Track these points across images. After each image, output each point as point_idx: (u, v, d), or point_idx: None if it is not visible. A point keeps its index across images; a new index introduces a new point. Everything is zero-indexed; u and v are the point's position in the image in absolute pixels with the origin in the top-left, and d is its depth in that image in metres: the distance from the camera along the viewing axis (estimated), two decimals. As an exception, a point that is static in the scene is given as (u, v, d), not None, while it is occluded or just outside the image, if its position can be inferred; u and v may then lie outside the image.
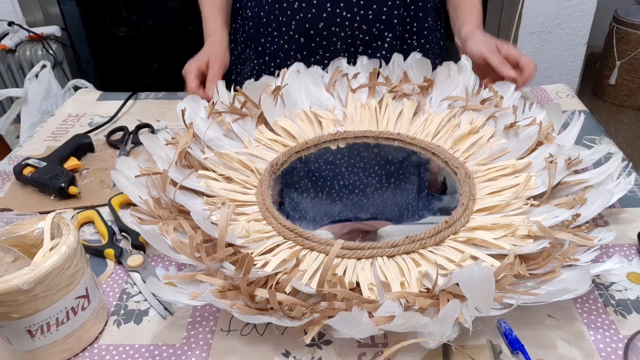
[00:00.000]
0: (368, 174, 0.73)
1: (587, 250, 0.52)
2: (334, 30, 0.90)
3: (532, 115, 0.72)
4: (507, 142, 0.70)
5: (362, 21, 0.89)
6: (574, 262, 0.51)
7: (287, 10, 0.90)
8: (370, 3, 0.88)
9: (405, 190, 0.71)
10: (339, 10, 0.88)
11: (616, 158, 0.62)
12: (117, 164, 0.63)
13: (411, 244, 0.55)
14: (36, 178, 0.72)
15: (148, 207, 0.58)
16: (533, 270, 0.50)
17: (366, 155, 0.76)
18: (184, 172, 0.64)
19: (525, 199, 0.59)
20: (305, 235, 0.56)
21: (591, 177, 0.61)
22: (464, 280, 0.44)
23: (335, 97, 0.82)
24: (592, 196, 0.58)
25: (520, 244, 0.53)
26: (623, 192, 0.58)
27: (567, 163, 0.62)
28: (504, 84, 0.79)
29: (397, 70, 0.84)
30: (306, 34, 0.91)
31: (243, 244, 0.55)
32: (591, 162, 0.64)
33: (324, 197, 0.68)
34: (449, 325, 0.44)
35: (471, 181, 0.65)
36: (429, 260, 0.53)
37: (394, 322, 0.44)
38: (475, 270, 0.43)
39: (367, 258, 0.54)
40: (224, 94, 0.79)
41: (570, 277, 0.48)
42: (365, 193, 0.69)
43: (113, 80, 2.50)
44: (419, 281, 0.50)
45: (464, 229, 0.57)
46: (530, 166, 0.65)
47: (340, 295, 0.47)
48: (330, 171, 0.73)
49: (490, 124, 0.73)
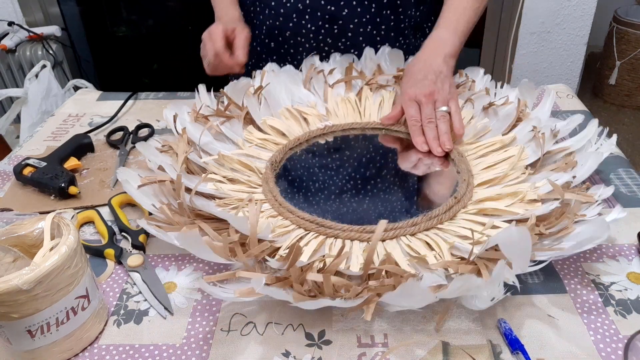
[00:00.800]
0: (366, 162, 0.75)
1: (590, 207, 0.57)
2: (300, 40, 0.90)
3: (505, 95, 0.77)
4: (488, 120, 0.74)
5: (327, 35, 0.89)
6: (581, 218, 0.55)
7: (260, 15, 0.92)
8: (335, 18, 0.88)
9: (407, 175, 0.72)
10: (304, 22, 0.88)
11: (592, 124, 0.68)
12: (118, 175, 0.63)
13: (429, 220, 0.58)
14: (36, 178, 0.72)
15: (164, 214, 0.58)
16: (549, 229, 0.54)
17: (359, 145, 0.77)
18: (188, 177, 0.65)
19: (522, 169, 0.64)
20: (326, 224, 0.58)
21: (572, 144, 0.67)
22: (504, 242, 0.48)
23: (314, 94, 0.84)
24: (581, 159, 0.63)
25: (531, 208, 0.57)
26: (608, 151, 0.63)
27: (552, 132, 0.67)
28: (474, 69, 0.84)
29: (369, 64, 0.86)
30: (275, 40, 0.92)
31: (272, 238, 0.56)
32: (567, 131, 0.70)
33: (330, 188, 0.68)
34: (499, 284, 0.47)
35: (465, 159, 0.69)
36: (450, 233, 0.57)
37: (451, 287, 0.46)
38: (513, 231, 0.47)
39: (392, 238, 0.57)
40: (206, 98, 0.79)
41: (587, 228, 0.52)
42: (368, 180, 0.70)
43: (113, 80, 2.50)
44: (449, 252, 0.54)
45: (472, 202, 0.61)
46: (515, 140, 0.70)
47: (391, 271, 0.50)
48: (329, 163, 0.74)
49: (468, 107, 0.78)
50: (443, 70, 0.75)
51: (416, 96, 0.74)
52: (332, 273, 0.50)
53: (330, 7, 0.86)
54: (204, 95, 0.80)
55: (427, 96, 0.73)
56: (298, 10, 0.87)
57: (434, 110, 0.73)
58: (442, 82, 0.74)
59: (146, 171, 0.66)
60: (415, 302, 0.48)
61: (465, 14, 0.79)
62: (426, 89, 0.73)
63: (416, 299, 0.47)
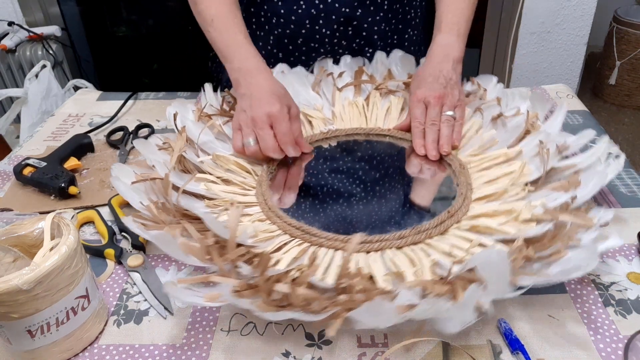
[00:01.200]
0: (364, 170, 0.74)
1: (587, 231, 0.53)
2: (314, 46, 0.88)
3: (517, 105, 0.74)
4: (495, 132, 0.71)
5: (342, 37, 0.88)
6: (576, 243, 0.51)
7: (265, 26, 0.88)
8: (350, 20, 0.86)
9: (404, 185, 0.71)
10: (317, 27, 0.86)
11: (603, 141, 0.63)
12: (112, 171, 0.63)
13: (417, 234, 0.56)
14: (36, 178, 0.72)
15: (151, 213, 0.58)
16: (539, 253, 0.51)
17: (360, 151, 0.76)
18: (181, 176, 0.64)
19: (522, 185, 0.61)
20: (312, 232, 0.57)
21: (580, 161, 0.63)
22: (482, 264, 0.46)
23: (322, 97, 0.83)
24: (585, 178, 0.59)
25: (524, 228, 0.54)
26: (615, 172, 0.60)
27: (557, 149, 0.63)
28: (486, 76, 0.81)
29: (380, 68, 0.85)
30: (285, 49, 0.89)
31: (252, 243, 0.56)
32: (578, 147, 0.66)
33: (323, 195, 0.68)
34: (470, 309, 0.44)
35: (466, 172, 0.66)
36: (437, 249, 0.54)
37: (418, 309, 0.44)
38: (492, 253, 0.45)
39: (376, 251, 0.55)
40: (212, 97, 0.79)
41: (577, 255, 0.49)
42: (363, 189, 0.69)
43: (113, 80, 2.50)
44: (431, 270, 0.51)
45: (466, 218, 0.59)
46: (521, 154, 0.66)
47: (360, 287, 0.48)
48: (327, 168, 0.73)
49: (476, 117, 0.75)
50: (453, 77, 0.74)
51: (425, 97, 0.73)
52: (302, 284, 0.48)
53: (345, 9, 0.84)
54: (209, 94, 0.79)
55: (436, 98, 0.72)
56: (312, 16, 0.85)
57: (440, 113, 0.72)
58: (452, 87, 0.73)
59: (142, 168, 0.66)
60: (380, 322, 0.45)
61: (464, 13, 0.78)
62: (436, 91, 0.72)
63: (382, 319, 0.45)
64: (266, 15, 0.88)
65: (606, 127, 2.25)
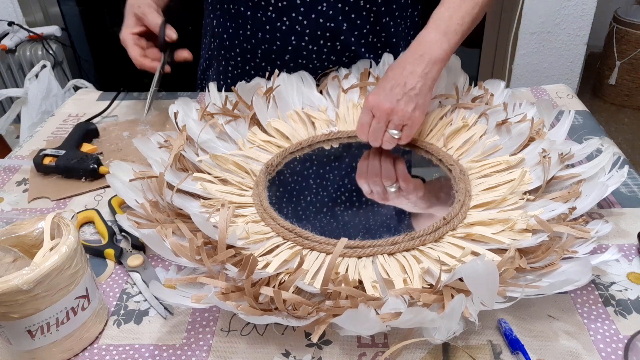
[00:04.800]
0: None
1: (585, 243, 0.53)
2: (301, 62, 0.87)
3: (523, 112, 0.73)
4: (499, 138, 0.70)
5: (330, 52, 0.86)
6: (572, 255, 0.51)
7: (252, 39, 0.87)
8: (336, 34, 0.84)
9: (402, 190, 0.71)
10: (304, 44, 0.85)
11: (607, 152, 0.63)
12: (111, 168, 0.63)
13: (411, 241, 0.55)
14: (62, 165, 0.73)
15: (145, 211, 0.58)
16: (533, 264, 0.50)
17: (359, 154, 0.75)
18: (179, 175, 0.64)
19: (521, 194, 0.60)
20: (304, 235, 0.56)
21: (584, 171, 0.63)
22: (468, 275, 0.45)
23: (327, 98, 0.82)
24: (586, 189, 0.59)
25: (519, 238, 0.54)
26: (617, 184, 0.59)
27: (560, 158, 0.62)
28: (494, 81, 0.80)
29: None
30: (272, 64, 0.88)
31: (243, 245, 0.55)
32: (583, 156, 0.65)
33: (321, 197, 0.67)
34: (455, 319, 0.44)
35: (466, 178, 0.65)
36: (429, 257, 0.53)
37: (401, 318, 0.44)
38: (479, 264, 0.44)
39: (368, 256, 0.54)
40: (216, 96, 0.79)
41: (571, 268, 0.49)
42: (361, 193, 0.68)
43: (113, 80, 2.50)
44: (421, 277, 0.51)
45: (462, 225, 0.58)
46: (523, 162, 0.66)
47: (345, 293, 0.47)
48: (325, 171, 0.73)
49: (481, 122, 0.74)
50: (416, 87, 0.67)
51: (373, 107, 0.68)
52: (287, 288, 0.48)
53: (330, 24, 0.83)
54: (214, 93, 0.79)
55: (383, 112, 0.67)
56: (297, 33, 0.84)
57: (384, 129, 0.68)
58: (407, 102, 0.67)
59: (141, 166, 0.66)
60: (363, 329, 0.45)
61: (461, 8, 0.70)
62: (386, 103, 0.67)
63: (365, 326, 0.44)
64: (252, 30, 0.86)
65: (606, 127, 2.25)
